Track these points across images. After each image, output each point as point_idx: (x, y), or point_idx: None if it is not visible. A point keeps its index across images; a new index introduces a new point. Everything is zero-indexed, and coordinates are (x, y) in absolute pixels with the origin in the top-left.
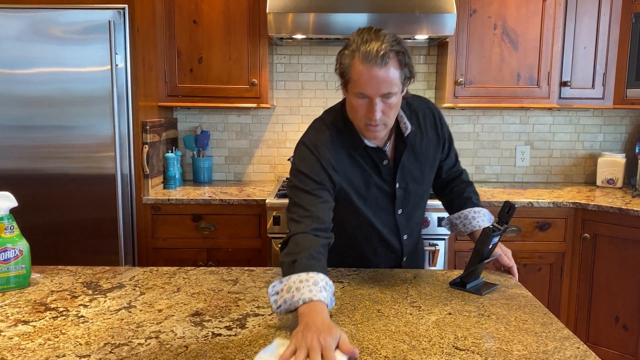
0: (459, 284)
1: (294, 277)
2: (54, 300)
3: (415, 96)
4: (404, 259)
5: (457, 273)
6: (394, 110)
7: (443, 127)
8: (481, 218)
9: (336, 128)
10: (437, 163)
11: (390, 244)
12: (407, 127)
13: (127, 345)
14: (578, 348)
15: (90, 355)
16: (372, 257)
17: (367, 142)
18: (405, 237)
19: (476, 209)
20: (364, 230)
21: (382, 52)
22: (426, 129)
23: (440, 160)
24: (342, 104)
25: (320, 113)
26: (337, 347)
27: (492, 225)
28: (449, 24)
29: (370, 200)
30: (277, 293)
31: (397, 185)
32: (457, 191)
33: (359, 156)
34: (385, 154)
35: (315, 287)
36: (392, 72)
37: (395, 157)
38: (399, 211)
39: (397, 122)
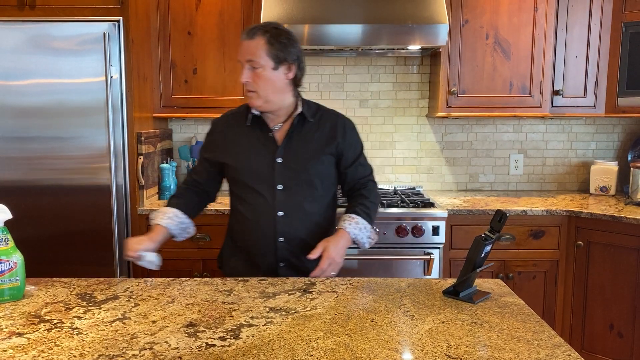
0: (452, 293)
1: (161, 208)
2: (48, 312)
3: (335, 111)
4: (281, 239)
5: (450, 282)
6: (263, 82)
7: (346, 134)
8: (348, 222)
9: (240, 108)
10: (326, 158)
11: (265, 217)
12: (299, 110)
13: (121, 356)
14: (569, 356)
15: None
16: (253, 230)
17: (253, 111)
18: (280, 213)
19: (353, 215)
20: (247, 202)
21: (250, 29)
22: (324, 124)
23: (344, 167)
24: None
25: None
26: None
27: (484, 234)
28: (441, 35)
29: (248, 168)
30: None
31: (280, 160)
32: (353, 197)
33: (250, 127)
34: (266, 125)
35: (163, 215)
36: (257, 45)
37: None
38: (279, 186)
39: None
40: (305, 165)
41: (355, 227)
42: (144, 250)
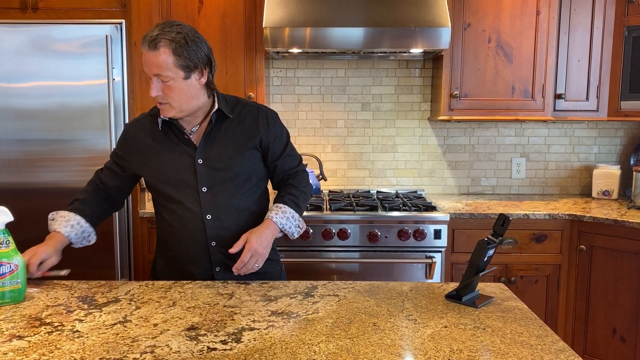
0: (454, 297)
1: (63, 212)
2: (49, 315)
3: (256, 102)
4: (213, 243)
5: (453, 286)
6: (176, 94)
7: (269, 126)
8: (275, 212)
9: (153, 110)
10: (250, 153)
11: (193, 222)
12: (215, 106)
13: None
14: None
15: None
16: (182, 238)
17: (161, 116)
18: (208, 217)
19: (280, 204)
20: (172, 210)
21: (152, 38)
22: (244, 118)
23: (272, 160)
24: None
25: (317, 126)
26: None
27: (487, 238)
28: (443, 38)
29: (167, 174)
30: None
31: (200, 161)
32: (282, 187)
33: (163, 132)
34: (178, 128)
35: (65, 222)
36: (163, 57)
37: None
38: (204, 189)
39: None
40: (229, 163)
41: (282, 217)
42: (49, 265)
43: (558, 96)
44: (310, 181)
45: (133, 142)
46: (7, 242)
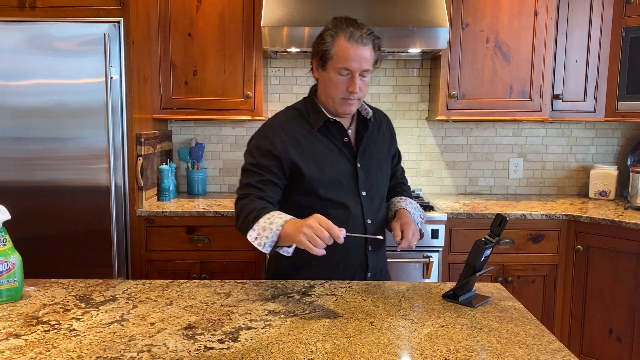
0: (451, 297)
1: (261, 221)
2: (46, 313)
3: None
4: (369, 248)
5: (450, 285)
6: (366, 88)
7: (394, 131)
8: (405, 202)
9: (297, 110)
10: (390, 157)
11: (354, 227)
12: (369, 111)
13: (119, 358)
14: None
15: None
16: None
17: (329, 116)
18: (369, 221)
19: (405, 197)
20: (331, 213)
21: (365, 34)
22: (382, 123)
23: (393, 165)
24: (308, 94)
25: None
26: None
27: (484, 237)
28: (441, 38)
29: (330, 177)
30: (256, 239)
31: (359, 165)
32: (394, 189)
33: (320, 133)
34: (345, 131)
35: (280, 214)
36: (370, 53)
37: (357, 140)
38: (363, 192)
39: (358, 109)
40: (381, 168)
41: (411, 207)
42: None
43: (556, 96)
44: None
45: (293, 143)
46: (4, 241)
